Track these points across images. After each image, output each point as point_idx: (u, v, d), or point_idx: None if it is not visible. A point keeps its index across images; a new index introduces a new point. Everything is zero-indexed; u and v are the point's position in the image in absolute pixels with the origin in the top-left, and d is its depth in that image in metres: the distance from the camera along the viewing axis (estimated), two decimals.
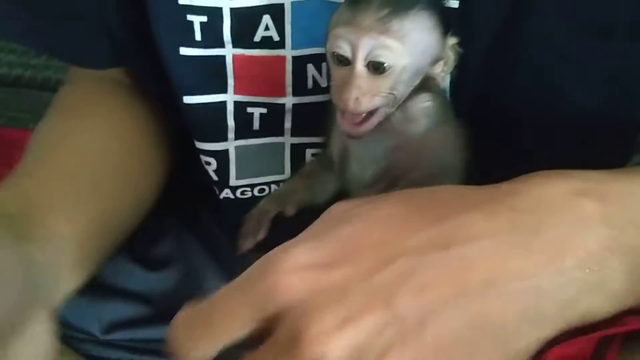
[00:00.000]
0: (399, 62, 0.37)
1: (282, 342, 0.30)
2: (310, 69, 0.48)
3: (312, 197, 0.46)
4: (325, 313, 0.29)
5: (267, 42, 0.47)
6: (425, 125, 0.40)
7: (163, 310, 0.53)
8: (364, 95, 0.37)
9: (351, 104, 0.37)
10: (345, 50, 0.37)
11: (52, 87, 0.99)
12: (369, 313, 0.29)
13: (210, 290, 0.50)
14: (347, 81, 0.37)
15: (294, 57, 0.47)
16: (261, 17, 0.46)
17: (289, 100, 0.49)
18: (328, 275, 0.30)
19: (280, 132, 0.51)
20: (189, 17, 0.46)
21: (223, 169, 0.52)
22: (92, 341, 0.53)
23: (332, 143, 0.43)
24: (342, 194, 0.45)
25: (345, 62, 0.37)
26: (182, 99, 0.48)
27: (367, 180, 0.44)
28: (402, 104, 0.39)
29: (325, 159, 0.46)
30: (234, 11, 0.45)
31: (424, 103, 0.40)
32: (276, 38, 0.46)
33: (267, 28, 0.46)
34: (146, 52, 0.49)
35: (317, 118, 0.48)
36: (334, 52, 0.38)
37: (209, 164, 0.51)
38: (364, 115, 0.38)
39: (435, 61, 0.39)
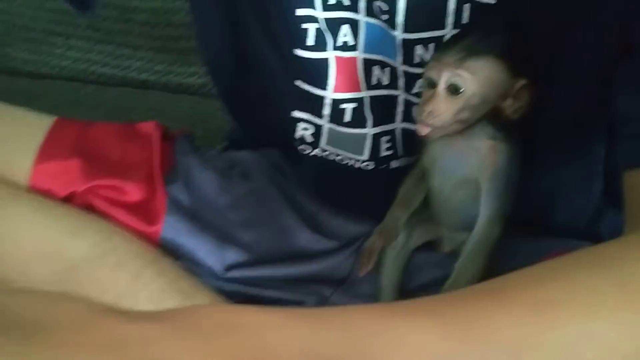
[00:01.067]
0: (470, 88, 0.48)
1: None
2: (375, 69, 0.56)
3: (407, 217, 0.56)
4: None
5: (344, 46, 0.56)
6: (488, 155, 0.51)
7: (261, 255, 0.64)
8: (438, 111, 0.49)
9: (426, 117, 0.49)
10: (434, 76, 0.49)
11: (172, 89, 1.14)
12: None
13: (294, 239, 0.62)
14: (431, 98, 0.49)
15: (364, 59, 0.56)
16: (341, 25, 0.55)
17: (366, 94, 0.58)
18: None
19: (364, 125, 0.59)
20: (304, 25, 0.55)
21: (317, 136, 0.61)
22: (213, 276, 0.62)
23: (425, 158, 0.55)
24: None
25: (433, 85, 0.49)
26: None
27: (446, 188, 0.55)
28: (472, 130, 0.51)
29: (414, 175, 0.56)
30: (326, 20, 0.54)
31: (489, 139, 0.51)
32: (351, 42, 0.55)
33: (345, 35, 0.55)
34: None
35: (381, 108, 0.58)
36: (427, 77, 0.50)
37: (306, 129, 0.61)
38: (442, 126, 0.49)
39: (504, 96, 0.50)
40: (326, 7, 0.54)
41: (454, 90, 0.49)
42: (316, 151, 0.62)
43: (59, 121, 0.63)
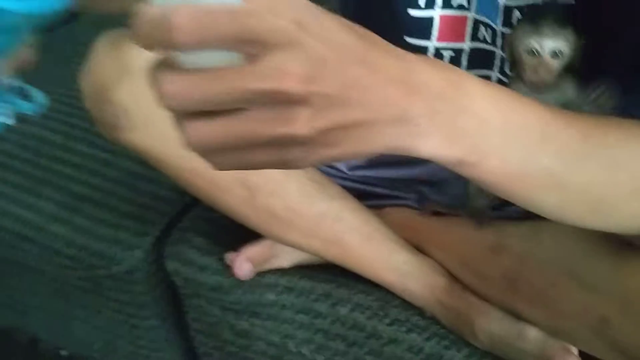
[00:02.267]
0: (565, 51, 0.62)
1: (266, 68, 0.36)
2: (481, 28, 0.68)
3: None
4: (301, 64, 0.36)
5: (460, 7, 0.68)
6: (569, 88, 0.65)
7: (376, 160, 0.80)
8: (548, 71, 0.62)
9: (541, 79, 0.62)
10: (535, 47, 0.62)
11: None
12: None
13: None
14: (540, 64, 0.62)
15: (474, 19, 0.68)
16: None
17: (466, 46, 0.70)
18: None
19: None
20: None
21: None
22: (338, 175, 0.81)
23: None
24: None
25: (534, 54, 0.62)
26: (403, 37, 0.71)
27: None
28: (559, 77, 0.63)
29: None
30: None
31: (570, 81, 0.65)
32: (465, 5, 0.68)
33: None
34: None
35: (480, 58, 0.69)
36: (528, 49, 0.62)
37: None
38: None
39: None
40: None
41: (555, 55, 0.64)
42: None
43: None
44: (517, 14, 0.66)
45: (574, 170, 0.46)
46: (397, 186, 0.84)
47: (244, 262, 0.80)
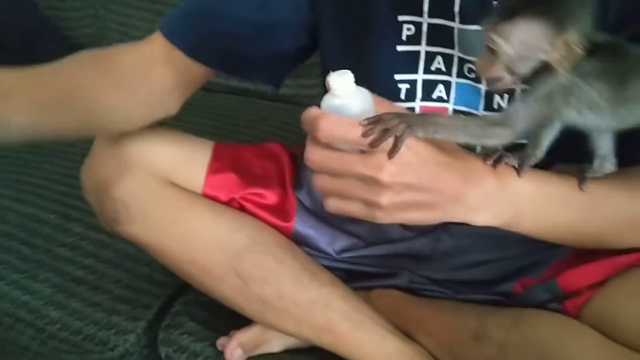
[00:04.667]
0: (503, 50, 0.55)
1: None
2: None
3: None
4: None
5: (439, 99, 0.73)
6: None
7: (367, 240, 0.85)
8: (484, 66, 0.57)
9: (477, 68, 0.60)
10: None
11: (269, 97, 1.34)
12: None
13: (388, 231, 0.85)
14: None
15: (453, 109, 0.73)
16: (437, 85, 0.73)
17: None
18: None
19: None
20: (399, 85, 0.73)
21: None
22: (326, 258, 0.84)
23: None
24: None
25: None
26: None
27: None
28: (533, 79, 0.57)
29: None
30: (425, 82, 0.72)
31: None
32: (445, 97, 0.73)
33: (440, 91, 0.73)
34: None
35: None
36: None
37: None
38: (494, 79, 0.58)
39: (545, 52, 0.54)
40: (427, 72, 0.73)
41: (491, 51, 0.57)
42: None
43: (217, 145, 0.85)
44: (497, 98, 0.69)
45: (586, 223, 0.65)
46: (385, 263, 0.86)
47: (235, 349, 0.82)
